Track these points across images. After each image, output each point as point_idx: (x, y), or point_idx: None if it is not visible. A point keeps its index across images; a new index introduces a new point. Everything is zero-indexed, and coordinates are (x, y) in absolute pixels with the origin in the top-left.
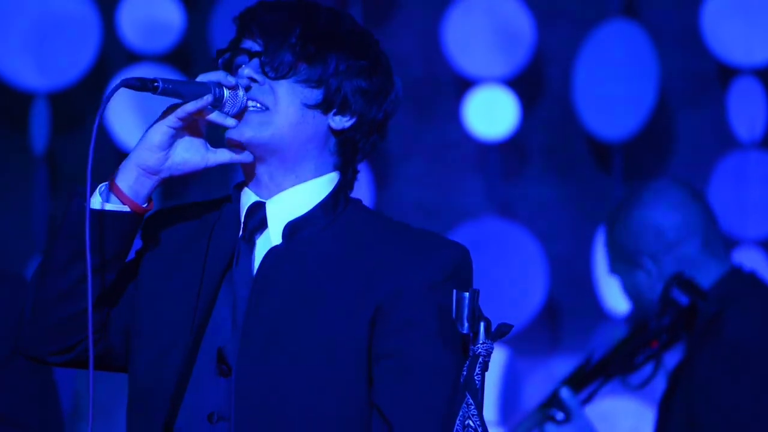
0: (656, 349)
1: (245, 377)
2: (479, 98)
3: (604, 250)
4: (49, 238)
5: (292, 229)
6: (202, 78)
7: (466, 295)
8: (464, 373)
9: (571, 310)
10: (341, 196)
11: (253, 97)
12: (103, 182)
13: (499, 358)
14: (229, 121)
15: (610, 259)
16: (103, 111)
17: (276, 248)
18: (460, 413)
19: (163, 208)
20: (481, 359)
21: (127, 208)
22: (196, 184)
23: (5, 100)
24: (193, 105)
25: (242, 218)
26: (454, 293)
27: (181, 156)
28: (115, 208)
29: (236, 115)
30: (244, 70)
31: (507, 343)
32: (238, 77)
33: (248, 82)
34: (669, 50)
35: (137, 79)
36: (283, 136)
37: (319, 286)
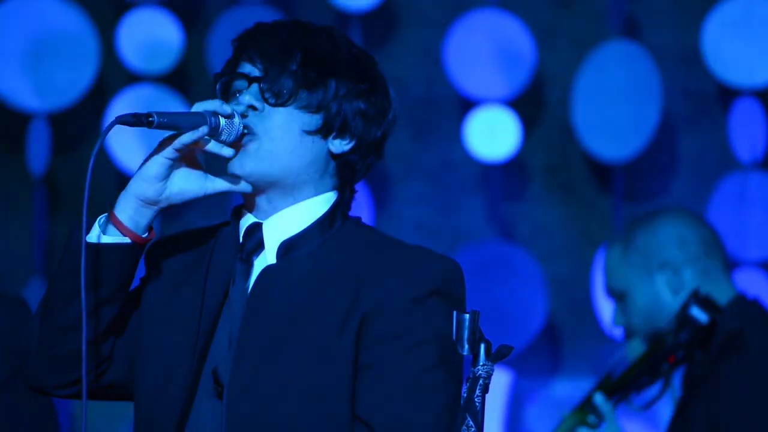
0: (669, 365)
1: (236, 397)
2: (480, 119)
3: (610, 266)
4: (51, 272)
5: (286, 247)
6: (198, 107)
7: (467, 316)
8: (464, 395)
9: (572, 331)
10: (338, 214)
11: (251, 125)
12: (103, 213)
13: (501, 379)
14: (226, 151)
15: (620, 274)
16: (98, 149)
17: (270, 267)
18: None
19: (162, 237)
20: (481, 381)
21: (128, 240)
22: (196, 206)
23: (4, 121)
24: (189, 136)
25: (240, 240)
26: (455, 314)
27: (178, 186)
28: (115, 240)
29: (233, 142)
30: (245, 97)
31: (508, 364)
32: (237, 103)
33: (246, 109)
34: (669, 71)
35: (132, 115)
36: (283, 167)
37: (310, 302)
